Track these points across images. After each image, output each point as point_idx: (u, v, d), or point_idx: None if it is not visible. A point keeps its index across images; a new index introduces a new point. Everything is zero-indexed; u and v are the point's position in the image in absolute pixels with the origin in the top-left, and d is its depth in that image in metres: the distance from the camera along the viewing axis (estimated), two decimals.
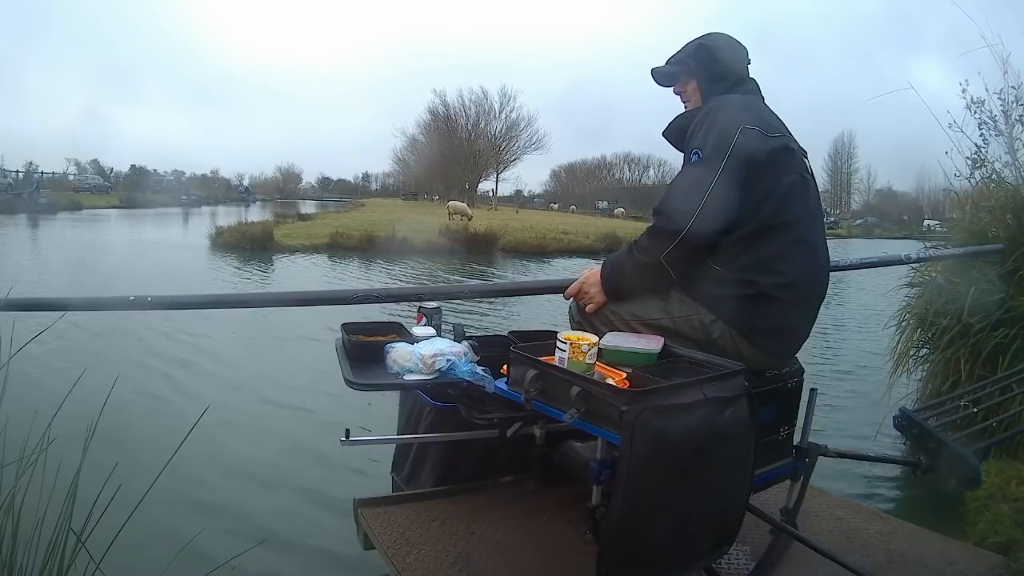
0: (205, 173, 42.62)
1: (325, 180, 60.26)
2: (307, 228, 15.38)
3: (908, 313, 3.10)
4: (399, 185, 51.81)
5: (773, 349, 1.40)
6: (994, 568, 1.50)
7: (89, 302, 1.64)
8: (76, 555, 1.17)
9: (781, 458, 1.50)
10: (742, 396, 1.13)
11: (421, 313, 1.66)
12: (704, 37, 1.52)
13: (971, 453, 1.49)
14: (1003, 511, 1.92)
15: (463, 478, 1.69)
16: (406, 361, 1.40)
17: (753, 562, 1.47)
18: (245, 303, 2.86)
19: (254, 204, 36.68)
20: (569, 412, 1.10)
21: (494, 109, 39.35)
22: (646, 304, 1.43)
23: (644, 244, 1.40)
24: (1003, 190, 2.96)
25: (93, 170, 37.63)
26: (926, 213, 24.97)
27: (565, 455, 1.48)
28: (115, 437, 2.53)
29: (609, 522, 1.07)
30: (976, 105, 3.07)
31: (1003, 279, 2.61)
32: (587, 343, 1.17)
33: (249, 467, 2.68)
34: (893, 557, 1.51)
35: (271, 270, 10.18)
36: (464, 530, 1.49)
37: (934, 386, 2.82)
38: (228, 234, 12.49)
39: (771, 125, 1.40)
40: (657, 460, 1.03)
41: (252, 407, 3.45)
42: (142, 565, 1.63)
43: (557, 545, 1.44)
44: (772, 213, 1.34)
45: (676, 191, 1.39)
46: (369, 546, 1.49)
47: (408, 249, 12.25)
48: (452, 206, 19.74)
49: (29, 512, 1.18)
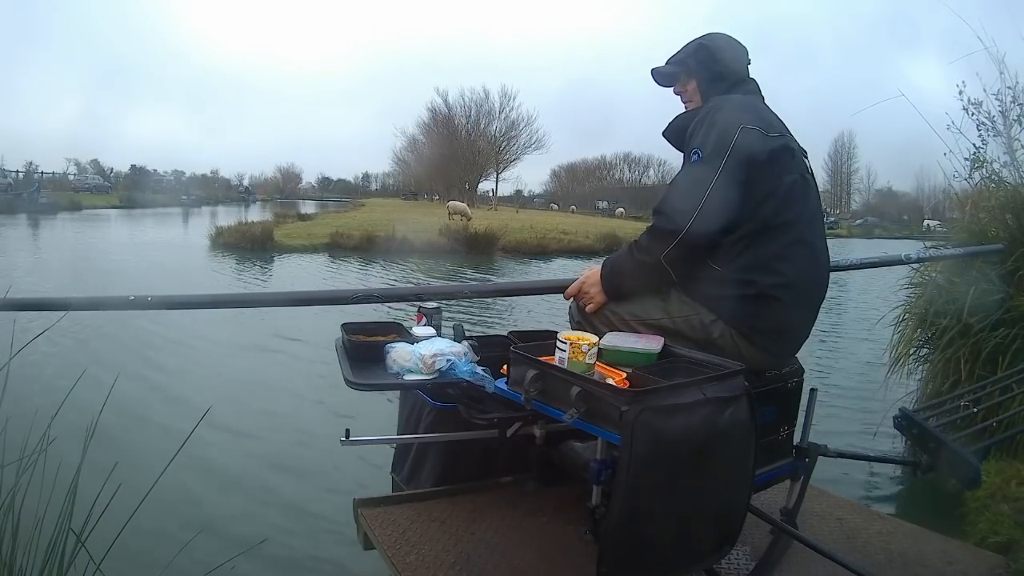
0: (205, 173, 42.61)
1: (325, 180, 60.27)
2: (307, 228, 15.39)
3: (908, 313, 3.10)
4: (399, 185, 51.78)
5: (773, 349, 1.40)
6: (994, 568, 1.49)
7: (89, 302, 1.64)
8: (76, 555, 1.17)
9: (781, 458, 1.50)
10: (742, 396, 1.13)
11: (421, 313, 1.66)
12: (704, 37, 1.52)
13: (971, 453, 1.49)
14: (1003, 511, 1.92)
15: (463, 478, 1.69)
16: (406, 361, 1.39)
17: (753, 562, 1.46)
18: (245, 303, 2.87)
19: (254, 204, 36.70)
20: (569, 412, 1.10)
21: (494, 109, 39.40)
22: (646, 304, 1.43)
23: (644, 244, 1.40)
24: (1002, 190, 2.96)
25: (93, 170, 37.58)
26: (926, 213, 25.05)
27: (565, 455, 1.48)
28: (115, 437, 2.54)
29: (609, 522, 1.07)
30: (974, 106, 3.08)
31: (1003, 279, 2.61)
32: (587, 343, 1.16)
33: (249, 467, 2.69)
34: (893, 557, 1.51)
35: (271, 270, 10.18)
36: (464, 530, 1.49)
37: (934, 386, 2.82)
38: (228, 234, 12.52)
39: (771, 125, 1.40)
40: (657, 460, 1.03)
41: (252, 407, 3.45)
42: (142, 565, 1.63)
43: (557, 545, 1.44)
44: (772, 213, 1.34)
45: (676, 191, 1.39)
46: (369, 546, 1.49)
47: (408, 249, 12.26)
48: (452, 206, 19.75)
49: (29, 512, 1.19)
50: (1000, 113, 3.04)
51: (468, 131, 39.28)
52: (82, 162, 37.86)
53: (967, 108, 3.08)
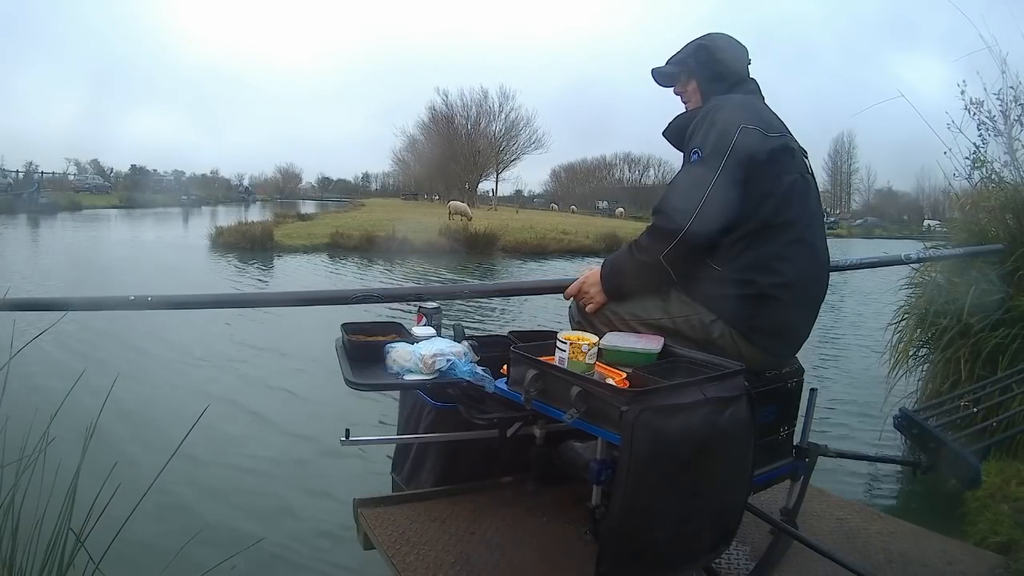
0: (205, 173, 42.58)
1: (325, 180, 60.25)
2: (307, 228, 15.38)
3: (908, 313, 3.10)
4: (399, 185, 51.78)
5: (773, 349, 1.40)
6: (994, 568, 1.50)
7: (89, 302, 1.64)
8: (76, 555, 1.17)
9: (781, 458, 1.50)
10: (742, 396, 1.13)
11: (421, 313, 1.66)
12: (704, 37, 1.52)
13: (971, 453, 1.49)
14: (1003, 511, 1.92)
15: (463, 478, 1.69)
16: (406, 361, 1.39)
17: (753, 562, 1.47)
18: (245, 303, 2.88)
19: (254, 204, 36.67)
20: (569, 412, 1.10)
21: (493, 109, 39.39)
22: (646, 304, 1.43)
23: (644, 244, 1.40)
24: (1002, 190, 2.96)
25: (93, 170, 37.57)
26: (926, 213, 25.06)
27: (565, 455, 1.48)
28: (115, 436, 2.54)
29: (609, 522, 1.07)
30: (975, 106, 3.07)
31: (1003, 279, 2.62)
32: (587, 343, 1.17)
33: (249, 467, 2.68)
34: (893, 557, 1.51)
35: (271, 270, 10.18)
36: (464, 530, 1.49)
37: (934, 386, 2.82)
38: (228, 234, 12.51)
39: (771, 125, 1.40)
40: (657, 460, 1.03)
41: (251, 407, 3.45)
42: (142, 565, 1.63)
43: (557, 545, 1.44)
44: (772, 213, 1.34)
45: (676, 190, 1.39)
46: (369, 546, 1.49)
47: (408, 249, 12.26)
48: (453, 206, 19.77)
49: (29, 511, 1.18)
50: (1001, 113, 3.04)
51: (468, 131, 39.29)
52: (82, 162, 37.93)
53: (968, 107, 3.08)
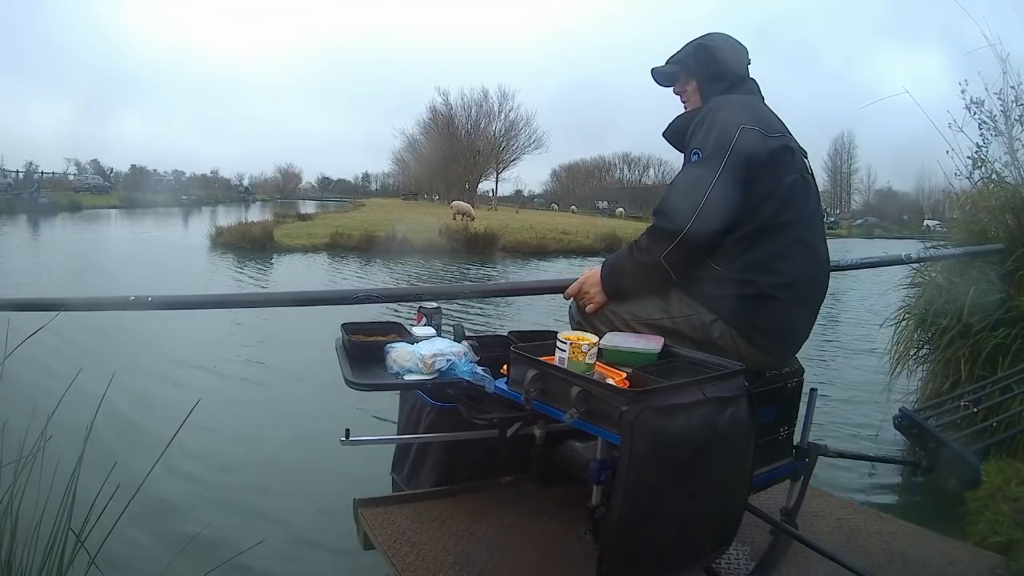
0: (205, 173, 42.51)
1: (325, 180, 60.25)
2: (307, 228, 15.38)
3: (908, 313, 3.10)
4: (399, 185, 51.73)
5: (773, 349, 1.40)
6: (994, 568, 1.49)
7: (88, 302, 1.64)
8: (76, 554, 1.17)
9: (781, 458, 1.50)
10: (742, 396, 1.13)
11: (421, 313, 1.66)
12: (704, 37, 1.52)
13: (971, 453, 1.49)
14: (1003, 511, 1.91)
15: (463, 478, 1.69)
16: (406, 361, 1.39)
17: (753, 562, 1.46)
18: (245, 303, 2.87)
19: (254, 204, 36.66)
20: (569, 412, 1.10)
21: (493, 109, 39.38)
22: (646, 304, 1.43)
23: (644, 244, 1.40)
24: (1003, 190, 2.96)
25: (93, 170, 37.49)
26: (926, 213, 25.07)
27: (565, 455, 1.48)
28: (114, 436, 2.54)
29: (609, 522, 1.07)
30: (976, 105, 3.07)
31: (1003, 279, 2.61)
32: (587, 343, 1.16)
33: (248, 467, 2.68)
34: (893, 557, 1.51)
35: (270, 270, 10.18)
36: (464, 530, 1.49)
37: (934, 386, 2.82)
38: (228, 234, 12.51)
39: (771, 125, 1.39)
40: (657, 460, 1.03)
41: (251, 407, 3.45)
42: (141, 564, 1.63)
43: (557, 545, 1.44)
44: (772, 213, 1.34)
45: (676, 191, 1.39)
46: (369, 546, 1.49)
47: (408, 249, 12.26)
48: (456, 206, 19.80)
49: (28, 511, 1.18)
50: (1002, 112, 3.04)
51: (468, 131, 39.28)
52: (82, 162, 37.84)
53: (969, 107, 3.08)
